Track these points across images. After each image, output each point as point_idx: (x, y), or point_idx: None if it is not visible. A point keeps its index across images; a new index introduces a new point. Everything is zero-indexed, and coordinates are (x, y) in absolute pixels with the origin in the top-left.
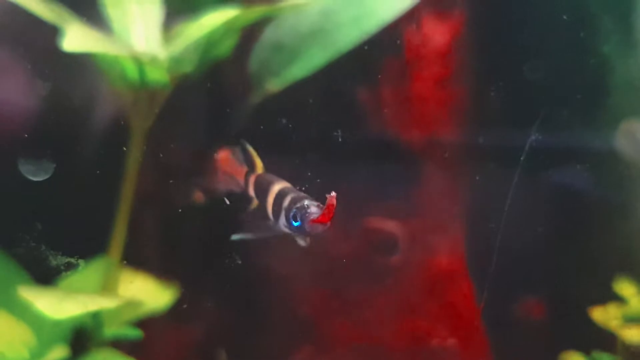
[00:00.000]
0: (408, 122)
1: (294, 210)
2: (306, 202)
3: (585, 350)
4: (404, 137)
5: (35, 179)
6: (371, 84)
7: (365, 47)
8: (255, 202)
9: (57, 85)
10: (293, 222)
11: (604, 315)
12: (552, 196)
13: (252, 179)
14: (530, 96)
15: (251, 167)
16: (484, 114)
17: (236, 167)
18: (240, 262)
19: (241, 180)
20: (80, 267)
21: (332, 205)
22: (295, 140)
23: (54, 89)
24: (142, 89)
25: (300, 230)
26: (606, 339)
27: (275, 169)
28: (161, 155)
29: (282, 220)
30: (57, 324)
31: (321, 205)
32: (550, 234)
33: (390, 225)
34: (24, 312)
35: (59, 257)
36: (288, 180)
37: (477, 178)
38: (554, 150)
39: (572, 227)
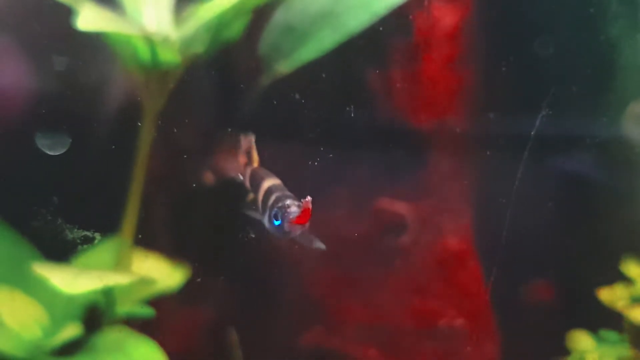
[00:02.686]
0: (417, 104)
1: (275, 209)
2: (288, 201)
3: (593, 330)
4: (413, 119)
5: (52, 153)
6: (380, 66)
7: (375, 29)
8: (251, 195)
9: (70, 66)
10: (274, 220)
11: (611, 295)
12: (559, 179)
13: (248, 172)
14: (538, 77)
15: (249, 159)
16: (492, 95)
17: (239, 156)
18: (251, 239)
19: (242, 170)
20: (96, 241)
21: (308, 209)
22: (303, 123)
23: (67, 70)
24: (154, 69)
25: (279, 229)
26: (613, 320)
27: (283, 152)
28: (172, 135)
29: (266, 217)
30: (69, 301)
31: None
32: (558, 216)
33: (400, 207)
34: (36, 290)
35: (76, 230)
36: (296, 164)
37: (488, 154)
38: (562, 133)
39: (580, 208)
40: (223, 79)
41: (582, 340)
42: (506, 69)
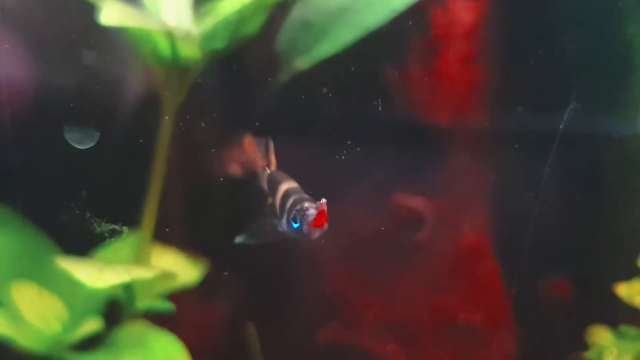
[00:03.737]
0: (434, 101)
1: (294, 212)
2: (306, 204)
3: (612, 325)
4: (430, 116)
5: (81, 147)
6: (398, 63)
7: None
8: (269, 200)
9: (90, 62)
10: (293, 223)
11: (629, 290)
12: (576, 174)
13: (265, 175)
14: (557, 73)
15: (267, 162)
16: (511, 92)
17: (256, 158)
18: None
19: (260, 173)
20: (124, 234)
21: (323, 211)
22: (320, 120)
23: (87, 66)
24: (174, 65)
25: (299, 232)
26: (631, 315)
27: (300, 149)
28: (191, 131)
29: (284, 221)
30: (90, 296)
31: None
32: (575, 211)
33: (417, 203)
34: (55, 285)
35: (104, 224)
36: (313, 160)
37: (505, 151)
38: (580, 129)
39: (597, 204)
40: (241, 75)
41: (601, 335)
42: (525, 64)
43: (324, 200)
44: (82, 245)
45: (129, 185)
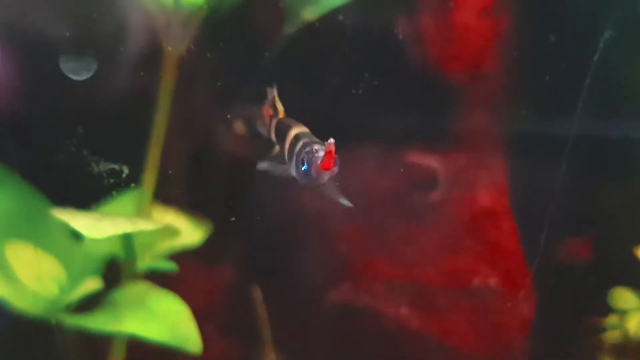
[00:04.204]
0: (449, 53)
1: (303, 154)
2: (316, 146)
3: (635, 287)
4: (445, 69)
5: (77, 78)
6: (411, 13)
7: None
8: (276, 148)
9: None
10: (302, 166)
11: None
12: (597, 135)
13: (273, 123)
14: (578, 27)
15: (274, 111)
16: (529, 43)
17: (265, 109)
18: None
19: (266, 123)
20: (124, 174)
21: (330, 152)
22: (331, 73)
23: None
24: (176, 11)
25: (307, 175)
26: None
27: (310, 104)
28: (194, 83)
29: (293, 164)
30: (87, 256)
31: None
32: (594, 174)
33: (430, 161)
34: (52, 245)
35: (102, 163)
36: (324, 116)
37: (522, 107)
38: (604, 90)
39: (617, 167)
40: (246, 26)
41: (624, 298)
42: (544, 13)
43: (331, 140)
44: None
45: (129, 141)
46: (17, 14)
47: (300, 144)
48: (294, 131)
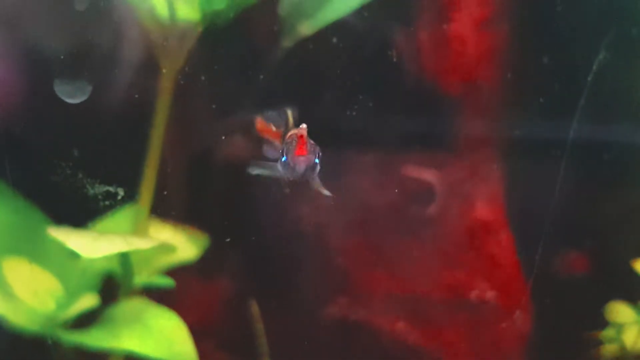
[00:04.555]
0: (446, 66)
1: (283, 145)
2: (294, 135)
3: (632, 301)
4: (441, 81)
5: (71, 101)
6: (407, 26)
7: None
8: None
9: (86, 20)
10: (282, 157)
11: None
12: (595, 146)
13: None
14: (574, 38)
15: (285, 127)
16: (526, 56)
17: (273, 132)
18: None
19: (279, 144)
20: (119, 197)
21: (302, 136)
22: (327, 86)
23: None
24: (172, 26)
25: (287, 166)
26: None
27: (306, 116)
28: (191, 98)
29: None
30: (84, 272)
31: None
32: (592, 187)
33: (427, 174)
34: (49, 261)
35: (97, 185)
36: (318, 129)
37: (519, 119)
38: (600, 102)
39: (614, 177)
40: (242, 41)
41: (621, 312)
42: (540, 27)
43: (303, 126)
44: (87, 203)
45: (126, 156)
46: (13, 32)
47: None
48: (292, 131)
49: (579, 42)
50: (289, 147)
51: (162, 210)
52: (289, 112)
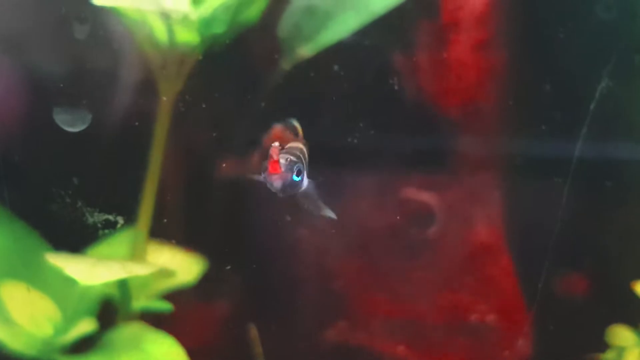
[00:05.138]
0: (445, 89)
1: (262, 162)
2: (275, 155)
3: (632, 324)
4: (440, 104)
5: (71, 130)
6: (406, 49)
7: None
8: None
9: (85, 48)
10: (262, 174)
11: None
12: (595, 167)
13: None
14: (572, 60)
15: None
16: (524, 78)
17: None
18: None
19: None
20: (118, 225)
21: (271, 156)
22: (326, 108)
23: (82, 51)
24: (171, 51)
25: (267, 183)
26: None
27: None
28: (190, 121)
29: None
30: (82, 296)
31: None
32: (592, 207)
33: (427, 197)
34: (47, 285)
35: (96, 214)
36: (320, 149)
37: (519, 142)
38: (600, 122)
39: (614, 199)
40: (242, 63)
41: (622, 335)
42: (539, 52)
43: (275, 144)
44: (75, 241)
45: (125, 179)
46: (13, 59)
47: None
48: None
49: (578, 64)
50: (265, 165)
51: (160, 233)
52: (296, 124)
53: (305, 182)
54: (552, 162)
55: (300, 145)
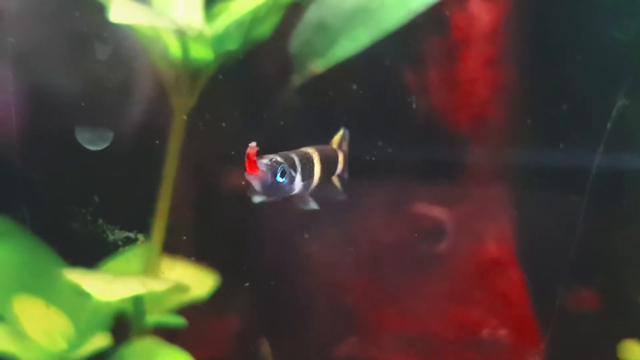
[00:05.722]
0: (455, 104)
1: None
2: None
3: None
4: (451, 120)
5: (93, 148)
6: (417, 65)
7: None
8: None
9: (98, 64)
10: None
11: None
12: (604, 181)
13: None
14: (580, 76)
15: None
16: (534, 94)
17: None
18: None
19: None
20: (133, 244)
21: (247, 154)
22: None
23: (96, 69)
24: (185, 67)
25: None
26: None
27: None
28: (203, 136)
29: None
30: (96, 311)
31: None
32: (603, 221)
33: (437, 212)
34: (60, 299)
35: (117, 231)
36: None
37: (528, 157)
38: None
39: (625, 214)
40: (254, 78)
41: (633, 350)
42: (548, 68)
43: (251, 144)
44: (90, 255)
45: (138, 194)
46: (32, 79)
47: None
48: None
49: (592, 81)
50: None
51: (172, 248)
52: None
53: (299, 186)
54: (561, 176)
55: (311, 150)
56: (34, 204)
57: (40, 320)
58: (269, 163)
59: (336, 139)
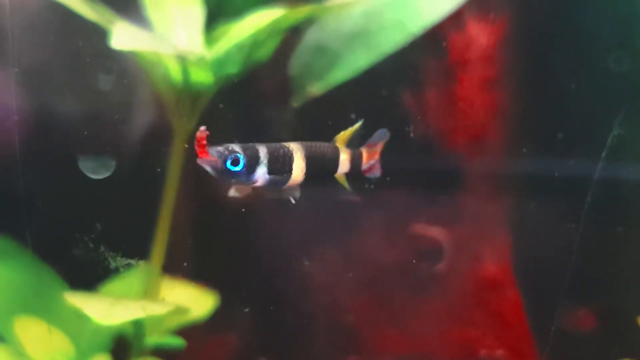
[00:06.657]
0: (453, 126)
1: None
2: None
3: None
4: (448, 141)
5: (96, 177)
6: (415, 87)
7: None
8: None
9: (99, 88)
10: None
11: None
12: (600, 201)
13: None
14: (576, 98)
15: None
16: (531, 116)
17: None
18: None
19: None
20: (133, 266)
21: (196, 139)
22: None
23: (97, 93)
24: (186, 90)
25: None
26: None
27: None
28: None
29: None
30: (96, 332)
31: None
32: (599, 241)
33: (435, 232)
34: (61, 320)
35: (119, 258)
36: (327, 188)
37: (526, 177)
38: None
39: (621, 233)
40: (253, 100)
41: None
42: (544, 88)
43: (202, 128)
44: (90, 278)
45: (139, 215)
46: (34, 104)
47: None
48: None
49: (588, 105)
50: None
51: (172, 269)
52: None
53: (264, 178)
54: (562, 199)
55: (295, 145)
56: (37, 227)
57: (41, 341)
58: (221, 150)
59: (343, 135)
